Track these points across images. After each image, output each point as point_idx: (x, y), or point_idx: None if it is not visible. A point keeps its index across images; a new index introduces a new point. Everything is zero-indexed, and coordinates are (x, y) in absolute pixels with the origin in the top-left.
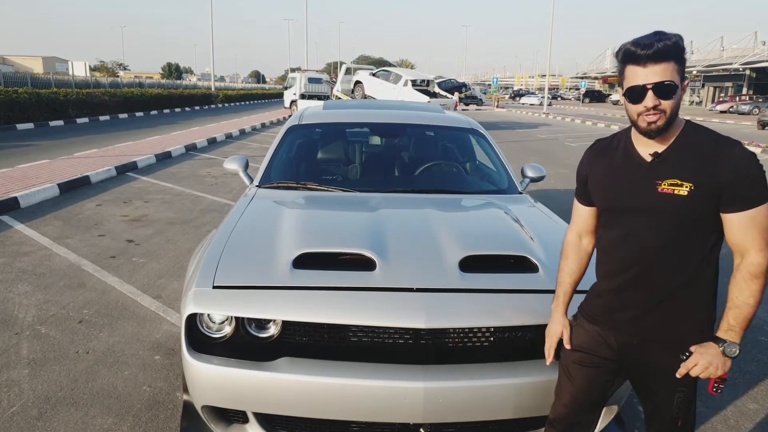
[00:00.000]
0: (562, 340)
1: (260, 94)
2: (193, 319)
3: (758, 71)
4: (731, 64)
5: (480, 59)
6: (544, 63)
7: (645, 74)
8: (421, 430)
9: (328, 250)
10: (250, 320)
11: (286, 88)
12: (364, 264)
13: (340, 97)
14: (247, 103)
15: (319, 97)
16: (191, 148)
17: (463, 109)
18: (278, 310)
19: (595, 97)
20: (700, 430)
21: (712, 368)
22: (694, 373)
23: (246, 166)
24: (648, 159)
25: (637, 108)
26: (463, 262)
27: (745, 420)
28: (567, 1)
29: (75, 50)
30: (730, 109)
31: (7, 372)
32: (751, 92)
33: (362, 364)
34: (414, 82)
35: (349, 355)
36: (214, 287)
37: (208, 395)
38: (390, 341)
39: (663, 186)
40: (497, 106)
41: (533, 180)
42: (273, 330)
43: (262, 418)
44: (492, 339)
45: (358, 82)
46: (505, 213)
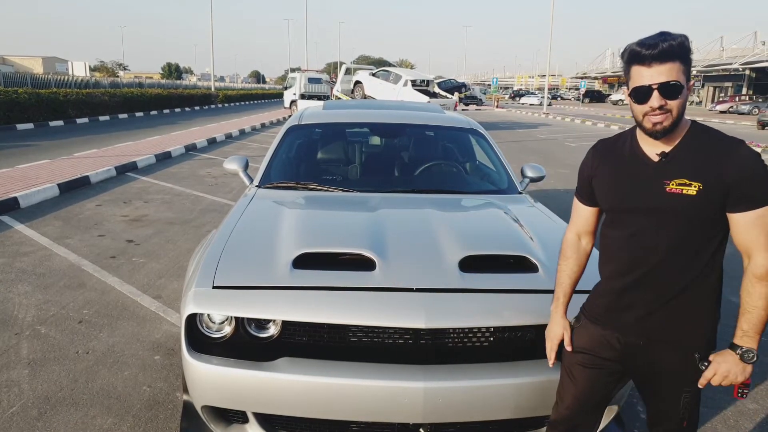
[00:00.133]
0: (563, 342)
1: (260, 95)
2: (192, 319)
3: (758, 71)
4: (731, 64)
5: (480, 59)
6: (543, 63)
7: (650, 74)
8: (421, 430)
9: (328, 250)
10: (250, 320)
11: (286, 89)
12: (364, 264)
13: (339, 97)
14: (247, 103)
15: (319, 98)
16: (191, 148)
17: (463, 109)
18: (278, 310)
19: (595, 97)
20: (700, 430)
21: (732, 376)
22: (715, 383)
23: (246, 166)
24: (655, 159)
25: (643, 108)
26: (463, 262)
27: (745, 420)
28: (567, 1)
29: (75, 50)
30: (730, 109)
31: (7, 372)
32: (751, 92)
33: (362, 364)
34: (414, 82)
35: (349, 355)
36: (214, 287)
37: (208, 395)
38: (390, 341)
39: (671, 186)
40: (497, 106)
41: (533, 180)
42: (273, 330)
43: (262, 418)
44: (492, 339)
45: (357, 82)
46: (504, 213)
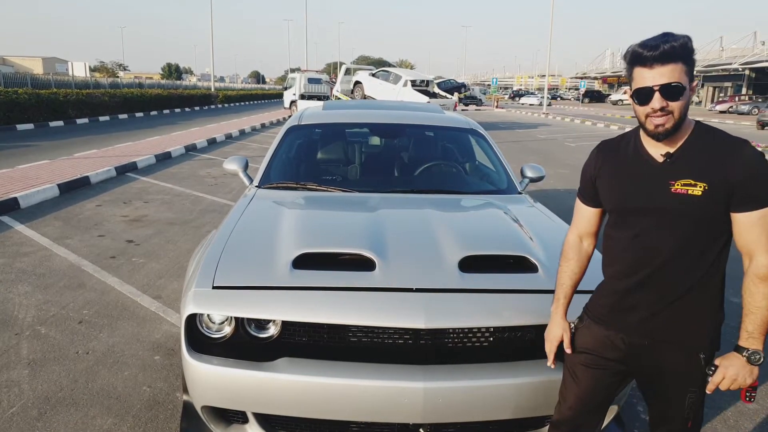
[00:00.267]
0: (563, 343)
1: (260, 95)
2: (192, 320)
3: (757, 71)
4: (731, 64)
5: (479, 59)
6: (543, 63)
7: (652, 76)
8: (421, 431)
9: (328, 251)
10: (250, 320)
11: (286, 89)
12: (364, 264)
13: (339, 98)
14: (247, 103)
15: (319, 98)
16: (191, 149)
17: (463, 110)
18: (278, 311)
19: (595, 97)
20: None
21: (741, 379)
22: (724, 387)
23: (246, 167)
24: (659, 159)
25: (645, 109)
26: (463, 262)
27: (745, 420)
28: (567, 1)
29: (75, 51)
30: (730, 109)
31: (7, 372)
32: (751, 92)
33: (362, 365)
34: (413, 83)
35: (349, 355)
36: (214, 287)
37: (208, 395)
38: (389, 341)
39: (676, 186)
40: (497, 107)
41: (533, 180)
42: (273, 330)
43: (262, 419)
44: (491, 339)
45: (357, 83)
46: (504, 213)
